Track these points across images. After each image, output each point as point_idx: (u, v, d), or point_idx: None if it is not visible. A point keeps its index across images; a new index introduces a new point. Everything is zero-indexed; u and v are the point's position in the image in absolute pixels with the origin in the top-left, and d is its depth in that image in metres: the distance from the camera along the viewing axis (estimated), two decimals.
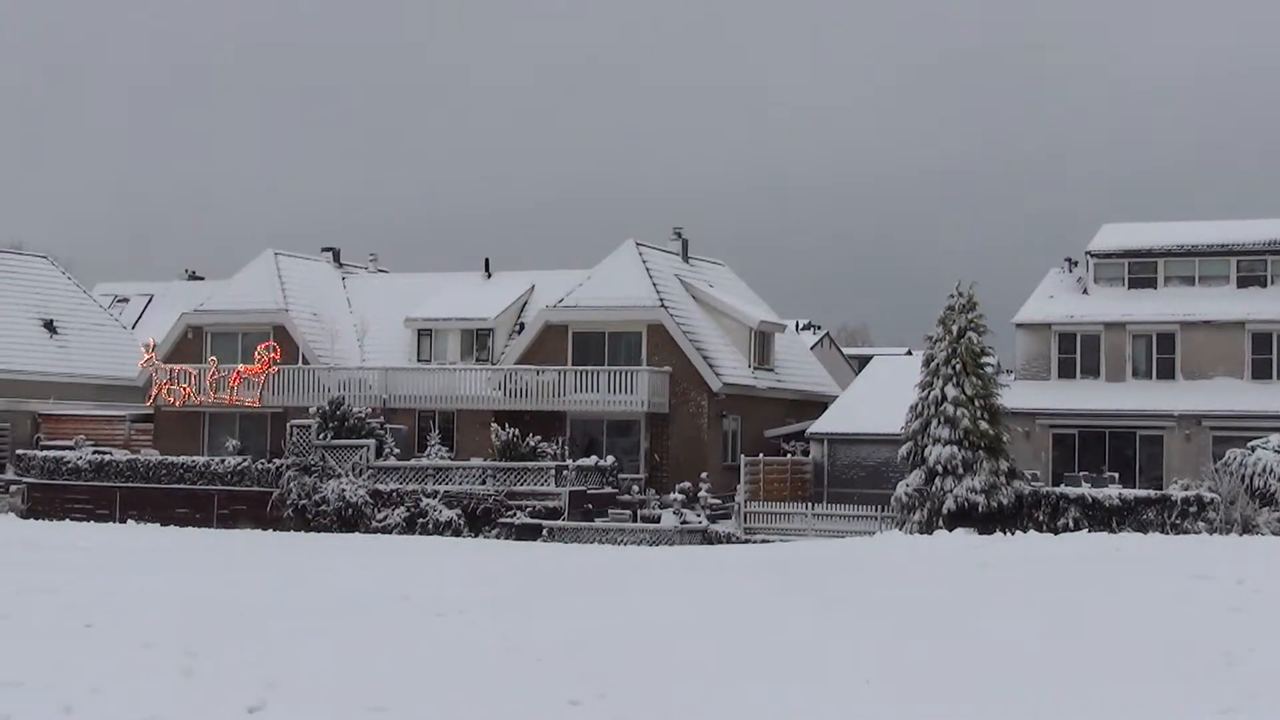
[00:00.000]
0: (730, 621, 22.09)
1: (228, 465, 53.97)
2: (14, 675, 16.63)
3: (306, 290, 63.17)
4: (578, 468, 50.58)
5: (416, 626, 21.34)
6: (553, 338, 56.89)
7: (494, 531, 49.03)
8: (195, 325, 62.26)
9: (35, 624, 20.75)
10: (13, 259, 72.96)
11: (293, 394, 58.27)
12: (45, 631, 20.13)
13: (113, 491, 55.27)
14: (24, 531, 42.02)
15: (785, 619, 22.24)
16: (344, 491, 50.82)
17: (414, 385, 57.41)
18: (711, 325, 57.48)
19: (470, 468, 51.11)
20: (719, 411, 55.13)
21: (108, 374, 69.21)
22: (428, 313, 60.92)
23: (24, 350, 67.71)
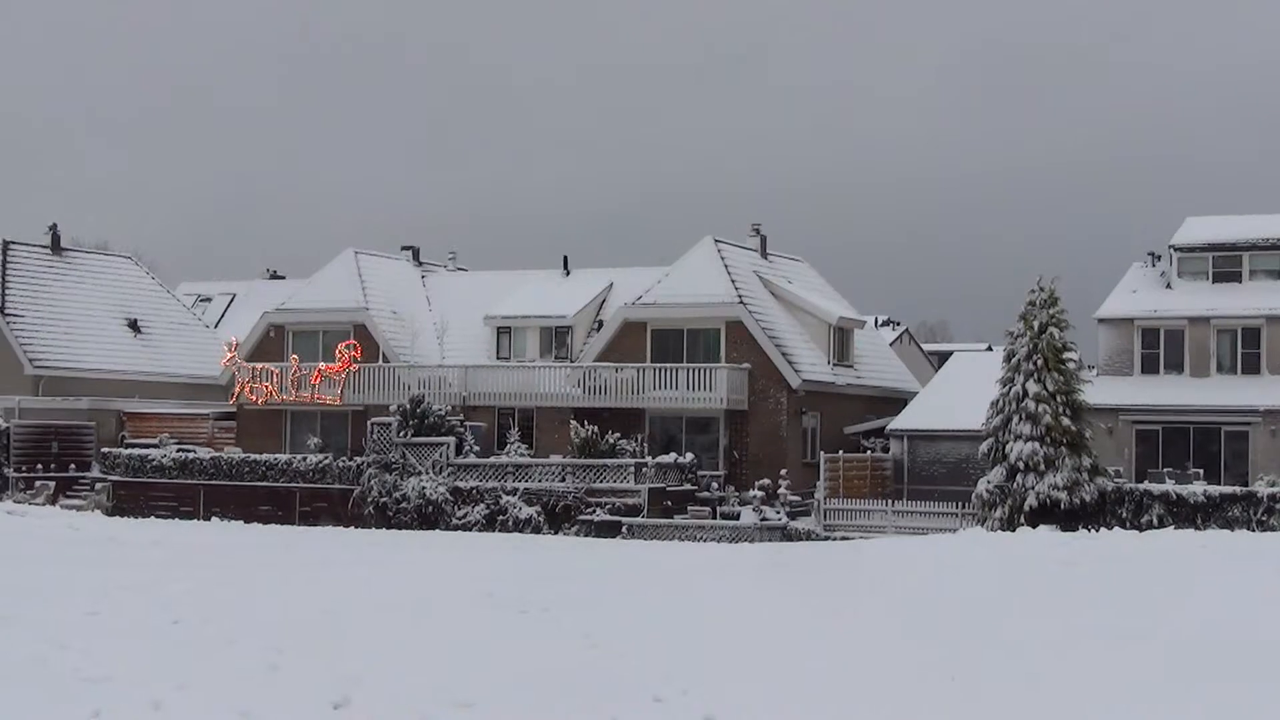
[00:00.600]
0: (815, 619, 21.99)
1: (309, 463, 54.33)
2: (103, 671, 16.79)
3: (386, 289, 63.48)
4: (657, 465, 50.54)
5: (500, 623, 21.37)
6: (631, 335, 56.88)
7: (573, 529, 49.08)
8: (277, 324, 62.72)
9: (123, 621, 20.94)
10: (98, 260, 73.85)
11: (373, 392, 58.57)
12: (133, 628, 20.30)
13: (196, 489, 55.78)
14: (110, 529, 42.47)
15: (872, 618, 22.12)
16: (424, 489, 51.04)
17: (493, 383, 57.55)
18: (790, 321, 57.29)
19: (549, 465, 51.20)
20: (798, 408, 54.93)
21: (191, 373, 69.83)
22: (507, 310, 61.07)
23: (109, 350, 68.48)
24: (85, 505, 55.60)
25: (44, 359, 65.12)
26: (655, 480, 50.00)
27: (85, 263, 72.09)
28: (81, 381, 65.38)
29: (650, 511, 48.98)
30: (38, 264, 69.27)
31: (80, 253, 73.76)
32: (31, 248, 69.92)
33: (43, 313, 67.11)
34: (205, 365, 69.02)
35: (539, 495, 50.21)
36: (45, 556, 29.52)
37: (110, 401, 63.64)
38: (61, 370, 65.28)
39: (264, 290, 77.87)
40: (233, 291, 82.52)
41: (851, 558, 32.81)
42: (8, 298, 66.31)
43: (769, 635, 20.41)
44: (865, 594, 25.03)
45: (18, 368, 64.61)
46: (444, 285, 66.01)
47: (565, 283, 63.23)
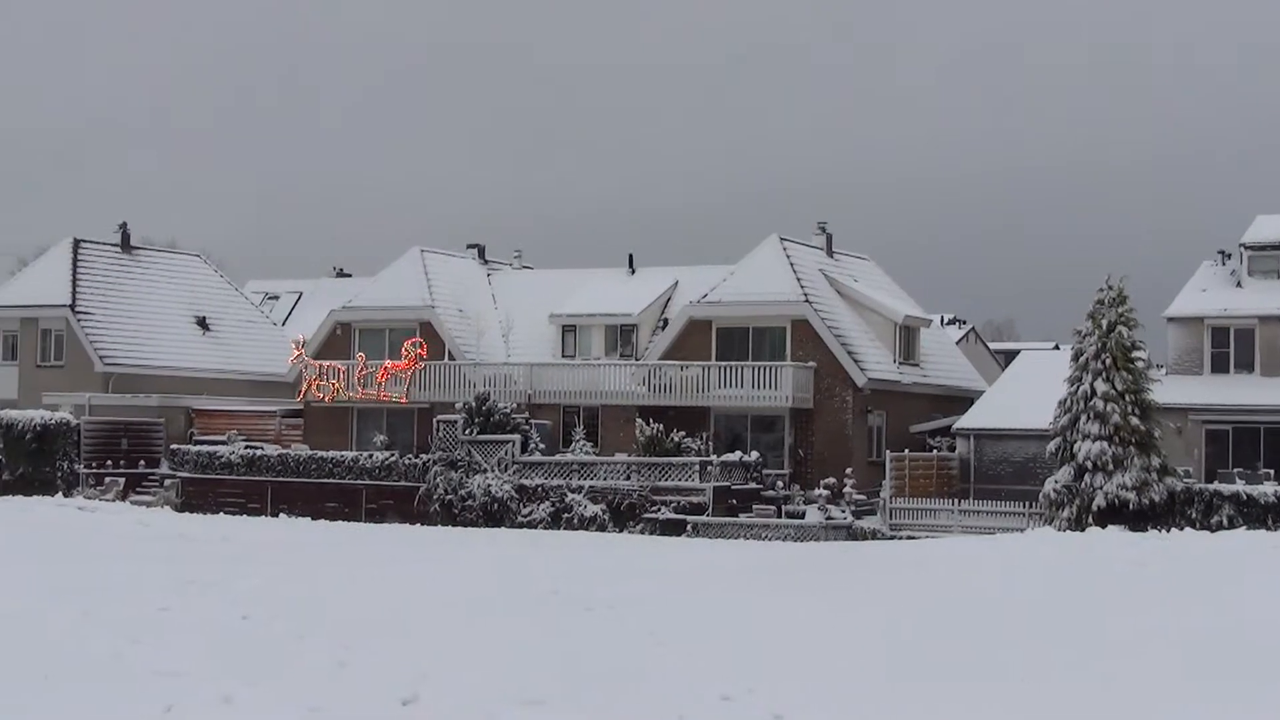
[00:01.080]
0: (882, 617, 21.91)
1: (375, 460, 54.58)
2: (174, 666, 16.92)
3: (452, 287, 63.70)
4: (722, 463, 50.49)
5: (566, 621, 21.40)
6: (696, 333, 56.84)
7: (638, 527, 49.10)
8: (343, 322, 63.04)
9: (193, 617, 21.10)
10: (167, 258, 74.49)
11: (439, 389, 58.81)
12: (203, 624, 20.45)
13: (264, 485, 56.16)
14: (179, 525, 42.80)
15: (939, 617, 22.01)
16: (490, 486, 51.19)
17: (558, 381, 57.65)
18: (856, 320, 57.10)
19: (614, 463, 51.23)
20: (864, 407, 54.75)
21: (259, 370, 70.34)
22: (572, 309, 61.14)
23: (178, 347, 69.09)
24: (154, 501, 56.10)
25: (114, 356, 65.74)
26: (720, 479, 49.95)
27: (155, 261, 72.73)
28: (151, 379, 65.98)
29: (715, 510, 48.94)
30: (108, 262, 69.93)
31: (150, 251, 74.40)
32: (102, 246, 70.59)
33: (113, 310, 67.74)
34: (273, 363, 69.49)
35: (604, 493, 50.26)
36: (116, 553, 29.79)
37: (179, 398, 64.20)
38: (131, 367, 65.89)
39: (330, 288, 78.36)
40: (300, 289, 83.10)
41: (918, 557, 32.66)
42: (78, 296, 66.97)
43: (835, 633, 20.35)
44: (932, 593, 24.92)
45: (88, 365, 65.26)
46: (509, 283, 66.16)
47: (630, 281, 63.24)
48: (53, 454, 58.89)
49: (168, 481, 58.22)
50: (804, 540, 45.27)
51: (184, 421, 63.24)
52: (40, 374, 66.27)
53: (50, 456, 58.84)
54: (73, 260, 68.55)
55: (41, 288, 67.92)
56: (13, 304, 67.96)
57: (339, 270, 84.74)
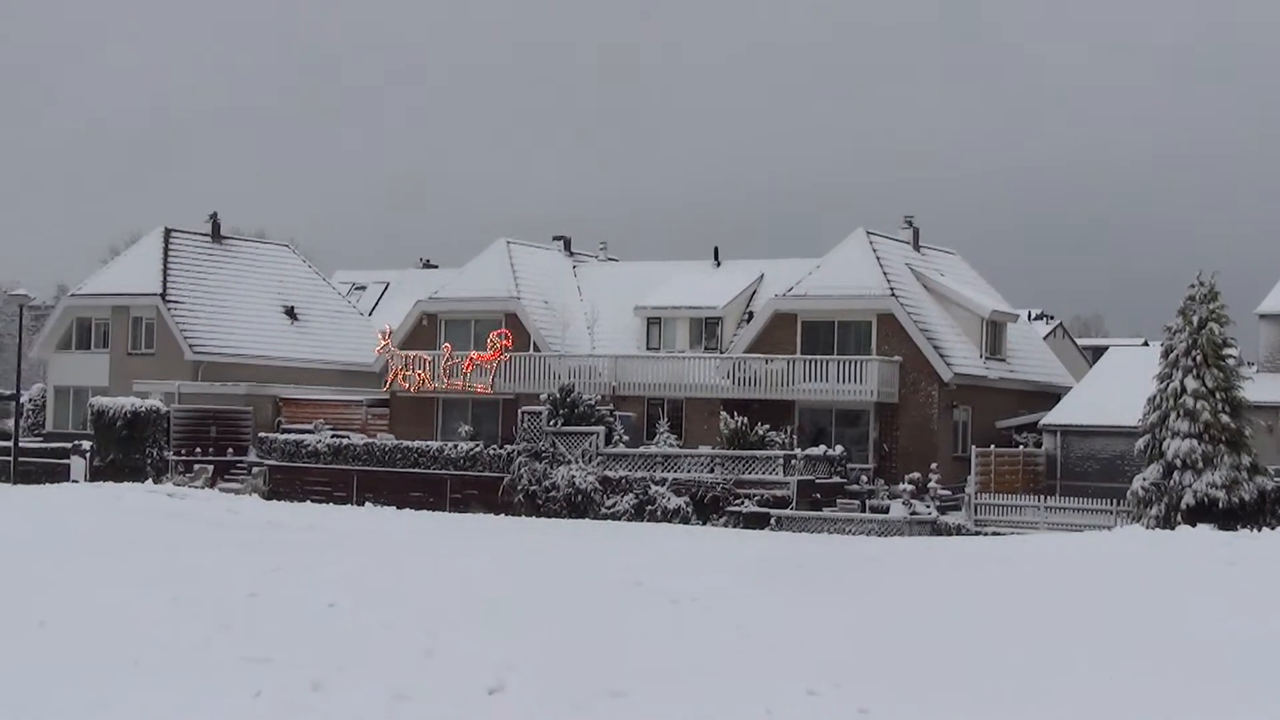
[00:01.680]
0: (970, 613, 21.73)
1: (460, 450, 54.81)
2: (262, 652, 17.06)
3: (538, 278, 63.87)
4: (806, 457, 50.34)
5: (651, 613, 21.37)
6: (781, 326, 56.70)
7: (721, 520, 49.04)
8: (430, 312, 63.36)
9: (280, 603, 21.21)
10: (256, 248, 75.17)
11: (524, 381, 58.99)
12: (290, 610, 20.55)
13: (350, 474, 56.54)
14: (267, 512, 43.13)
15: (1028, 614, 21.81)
16: (574, 478, 51.29)
17: (643, 373, 57.69)
18: (942, 314, 56.77)
19: (698, 456, 51.20)
20: (949, 402, 54.42)
21: (345, 360, 70.88)
22: (657, 301, 61.12)
23: (267, 336, 69.72)
24: (243, 489, 56.56)
25: (203, 344, 66.43)
26: (804, 473, 49.80)
27: (244, 251, 73.42)
28: (239, 367, 66.63)
29: (799, 504, 48.80)
30: (198, 251, 70.68)
31: (239, 241, 75.10)
32: (192, 236, 71.33)
33: (202, 299, 68.45)
34: (359, 352, 70.02)
35: (687, 486, 50.23)
36: (205, 539, 30.06)
37: (267, 387, 64.77)
38: (220, 356, 66.59)
39: (417, 279, 78.82)
40: (386, 280, 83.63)
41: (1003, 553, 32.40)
42: (169, 284, 67.73)
43: (919, 628, 20.22)
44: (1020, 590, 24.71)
45: (178, 353, 65.99)
46: (595, 275, 66.27)
47: (715, 274, 63.21)
48: (143, 441, 59.58)
49: (255, 469, 58.73)
50: (888, 535, 45.04)
51: (271, 410, 63.80)
52: (131, 362, 67.09)
53: (140, 443, 59.55)
54: (164, 250, 69.33)
55: (133, 277, 68.74)
56: (104, 292, 68.83)
57: (425, 261, 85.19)
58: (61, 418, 68.85)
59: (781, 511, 48.29)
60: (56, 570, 23.51)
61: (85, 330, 69.44)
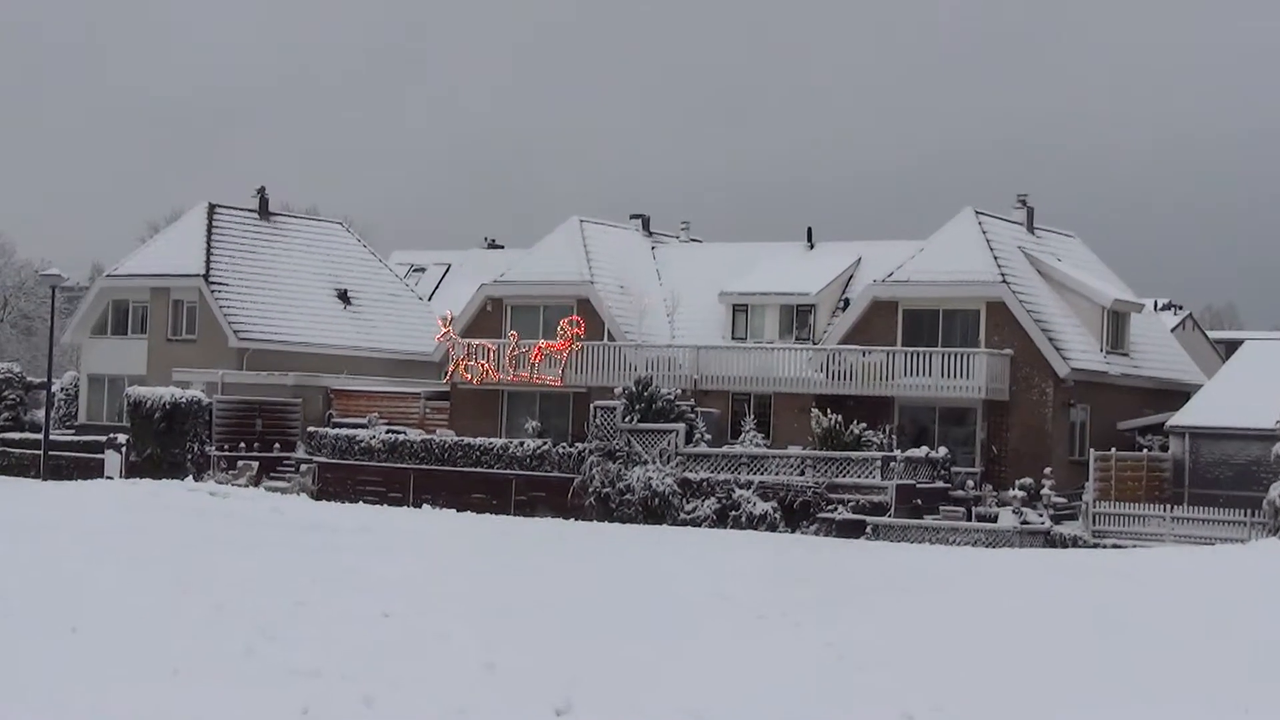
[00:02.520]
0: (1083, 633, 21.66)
1: (527, 449, 55.06)
2: (312, 664, 17.17)
3: (613, 260, 64.00)
4: (906, 459, 50.23)
5: (735, 628, 21.44)
6: (880, 315, 56.58)
7: (812, 527, 49.05)
8: (494, 297, 63.62)
9: (331, 612, 21.39)
10: (308, 226, 75.67)
11: (597, 372, 59.13)
12: (341, 620, 20.72)
13: (406, 473, 56.89)
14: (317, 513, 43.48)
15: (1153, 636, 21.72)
16: (650, 480, 51.42)
17: (728, 365, 57.69)
18: (1058, 303, 56.44)
19: (788, 457, 51.20)
20: (1065, 400, 54.11)
21: (402, 348, 71.27)
22: (744, 286, 61.12)
23: (317, 322, 70.13)
24: (290, 488, 56.94)
25: (249, 330, 66.95)
26: (904, 476, 49.71)
27: (294, 229, 73.92)
28: (287, 355, 67.14)
29: (898, 511, 48.73)
30: (244, 230, 71.19)
31: (289, 218, 75.70)
32: (239, 212, 71.89)
33: (249, 281, 68.94)
34: (418, 340, 70.38)
35: (775, 490, 50.26)
36: (250, 542, 30.38)
37: (317, 377, 65.23)
38: (267, 343, 67.08)
39: (481, 261, 79.04)
40: (447, 261, 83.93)
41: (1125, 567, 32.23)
42: (212, 265, 68.30)
43: (1031, 647, 20.17)
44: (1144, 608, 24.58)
45: (222, 339, 66.52)
46: (675, 258, 66.35)
47: (808, 257, 63.12)
48: (183, 434, 60.21)
49: (304, 466, 59.17)
50: (996, 546, 44.88)
51: (322, 402, 64.27)
52: (171, 348, 67.68)
53: (180, 437, 60.17)
54: (207, 227, 69.88)
55: (174, 256, 69.31)
56: (143, 273, 69.43)
57: (490, 241, 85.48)
58: (95, 408, 69.59)
59: (878, 519, 48.22)
60: (89, 573, 23.82)
61: (122, 314, 70.14)
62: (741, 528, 49.25)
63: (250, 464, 59.57)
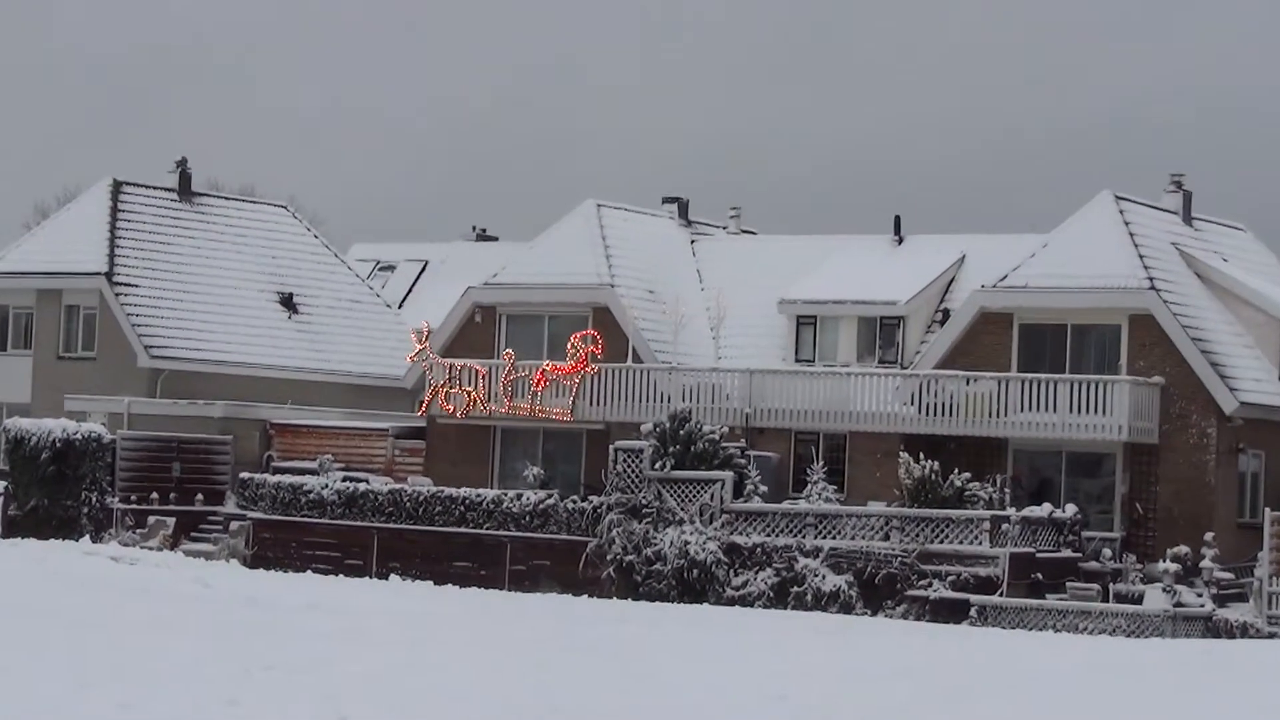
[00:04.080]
0: None
1: (526, 502, 54.81)
2: None
3: (640, 257, 63.74)
4: (1023, 520, 49.97)
5: None
6: (990, 331, 56.39)
7: (899, 608, 48.81)
8: (485, 304, 63.37)
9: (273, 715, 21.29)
10: (243, 211, 75.04)
11: (618, 404, 58.93)
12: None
13: (368, 534, 56.64)
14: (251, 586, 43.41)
15: None
16: (688, 544, 51.19)
17: (790, 395, 57.39)
18: (1224, 317, 56.14)
19: (868, 516, 50.92)
20: (1233, 443, 53.86)
21: (365, 370, 71.06)
22: (812, 292, 60.82)
23: (254, 335, 69.82)
24: (217, 552, 56.82)
25: (165, 346, 66.71)
26: (1020, 542, 49.48)
27: (224, 214, 73.52)
28: (214, 379, 66.96)
29: (1012, 588, 48.46)
30: (160, 214, 70.91)
31: (218, 200, 75.11)
32: (152, 193, 71.56)
33: (165, 282, 68.65)
34: (384, 360, 70.22)
35: (851, 558, 50.04)
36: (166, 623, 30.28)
37: (253, 408, 64.94)
38: (188, 362, 66.90)
39: (468, 257, 78.65)
40: (423, 258, 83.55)
41: None
42: (117, 261, 68.00)
43: None
44: None
45: (129, 357, 66.22)
46: (722, 254, 66.19)
47: (896, 254, 62.86)
48: (77, 481, 59.97)
49: (235, 524, 58.90)
50: (1141, 635, 44.61)
51: (259, 440, 63.97)
52: (63, 369, 67.47)
53: (74, 485, 59.93)
54: (111, 211, 69.58)
55: (67, 249, 68.87)
56: (26, 270, 69.01)
57: (480, 232, 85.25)
58: None
59: (986, 598, 47.94)
60: None
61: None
62: (806, 608, 49.04)
63: (165, 521, 59.35)
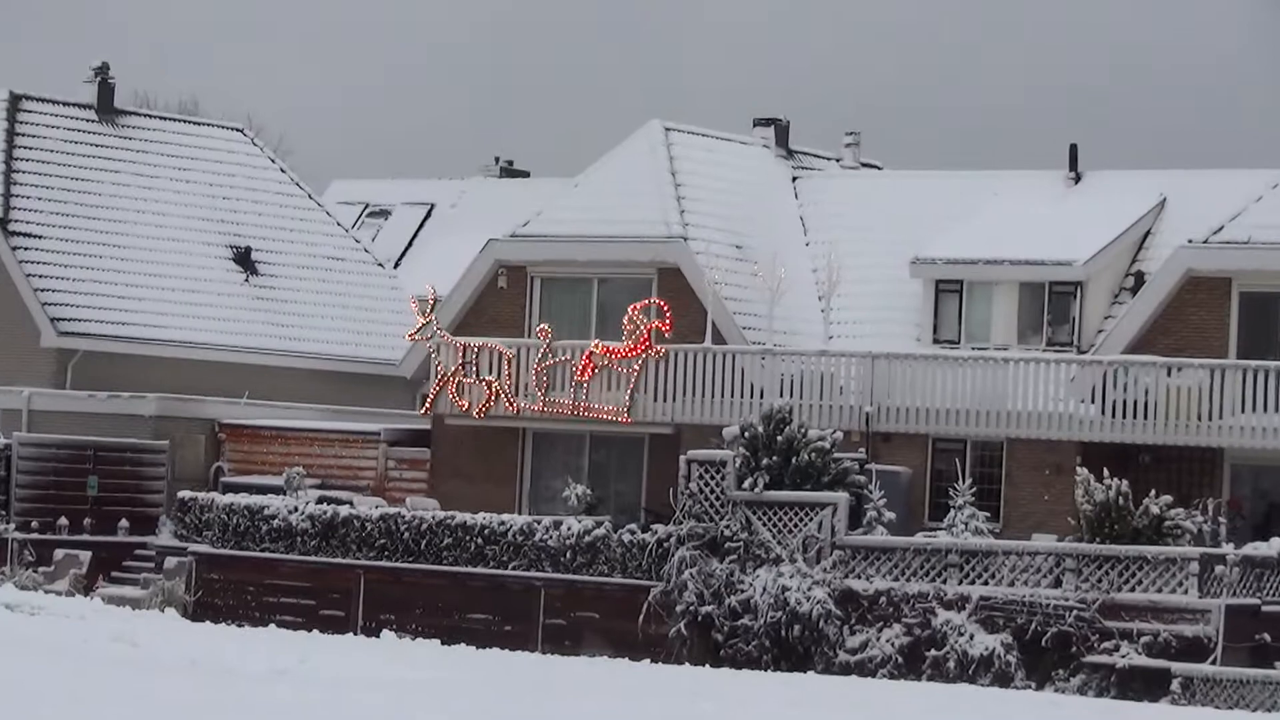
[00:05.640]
0: None
1: (567, 533, 54.61)
2: None
3: (723, 199, 63.62)
4: (1244, 560, 49.76)
5: None
6: (1200, 302, 56.24)
7: (1074, 679, 48.64)
8: (512, 263, 63.23)
9: None
10: (184, 134, 74.93)
11: (693, 399, 58.81)
12: None
13: (352, 575, 56.68)
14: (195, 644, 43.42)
15: None
16: (786, 591, 51.04)
17: (926, 389, 57.20)
18: None
19: (1032, 554, 50.72)
20: None
21: (347, 352, 71.21)
22: (957, 249, 60.60)
23: (197, 304, 69.90)
24: (148, 598, 56.84)
25: (77, 319, 66.90)
26: (1241, 590, 49.28)
27: (159, 139, 73.63)
28: (144, 363, 67.21)
29: (1229, 653, 48.24)
30: (72, 138, 71.11)
31: (151, 120, 75.07)
32: (62, 110, 71.58)
33: (78, 231, 68.89)
34: (375, 339, 70.55)
35: (1009, 611, 49.89)
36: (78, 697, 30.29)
37: (197, 403, 65.08)
38: (108, 340, 67.13)
39: (489, 198, 78.78)
40: (428, 199, 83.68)
41: None
42: (13, 202, 68.08)
43: None
44: None
45: (29, 334, 66.41)
46: (834, 196, 66.27)
47: (1069, 197, 62.78)
48: None
49: (172, 561, 58.93)
50: None
51: (205, 447, 64.05)
52: None
53: None
54: (6, 135, 69.68)
55: None
56: None
57: (505, 165, 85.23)
58: None
59: (1194, 667, 47.68)
60: None
61: None
62: (948, 678, 48.97)
63: (77, 556, 59.49)
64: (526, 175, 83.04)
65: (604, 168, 65.42)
